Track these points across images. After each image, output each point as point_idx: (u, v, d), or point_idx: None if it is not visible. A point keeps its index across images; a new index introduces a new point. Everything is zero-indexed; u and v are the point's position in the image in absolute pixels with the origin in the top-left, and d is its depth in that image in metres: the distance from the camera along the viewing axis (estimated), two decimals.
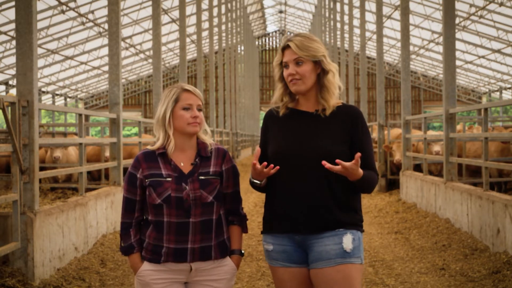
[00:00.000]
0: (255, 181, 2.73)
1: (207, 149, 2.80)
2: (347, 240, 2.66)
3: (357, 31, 29.73)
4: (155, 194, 2.69)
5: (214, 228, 2.75)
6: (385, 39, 32.49)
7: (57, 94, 35.41)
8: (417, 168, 12.03)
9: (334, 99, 2.74)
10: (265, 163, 2.65)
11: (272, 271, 2.80)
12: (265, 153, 2.81)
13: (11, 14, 22.11)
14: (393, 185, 13.43)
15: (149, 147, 2.82)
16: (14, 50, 21.75)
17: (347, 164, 2.55)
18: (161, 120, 2.75)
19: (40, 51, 27.02)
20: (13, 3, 18.13)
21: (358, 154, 2.56)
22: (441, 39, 22.06)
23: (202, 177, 2.74)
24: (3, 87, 28.89)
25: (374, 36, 25.49)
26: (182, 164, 2.76)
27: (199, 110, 2.77)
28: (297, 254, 2.73)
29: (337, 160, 2.56)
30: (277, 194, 2.74)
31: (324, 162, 2.57)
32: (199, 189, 2.71)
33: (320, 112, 2.74)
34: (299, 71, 2.70)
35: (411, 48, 24.69)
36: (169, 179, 2.71)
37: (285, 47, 2.75)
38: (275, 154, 2.74)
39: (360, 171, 2.61)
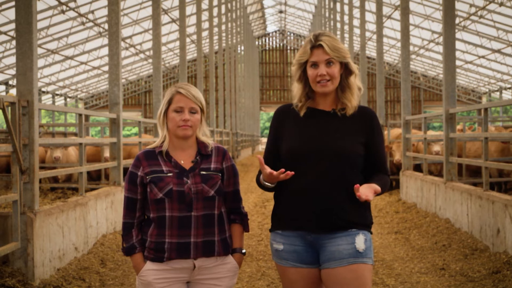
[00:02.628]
0: (266, 184, 2.70)
1: (207, 148, 2.83)
2: (360, 240, 2.65)
3: (357, 31, 29.73)
4: (157, 189, 2.71)
5: (216, 223, 2.76)
6: (385, 39, 32.49)
7: (57, 94, 35.41)
8: (417, 168, 12.03)
9: (356, 99, 2.74)
10: (282, 170, 2.60)
11: (282, 270, 2.77)
12: (275, 150, 2.78)
13: (11, 14, 22.12)
14: (393, 185, 13.43)
15: (149, 146, 2.84)
16: (14, 50, 21.74)
17: (367, 195, 2.56)
18: (158, 119, 2.81)
19: (40, 51, 27.02)
20: (13, 3, 18.13)
21: (357, 187, 2.56)
22: (441, 39, 22.07)
23: (204, 172, 2.76)
24: (3, 87, 28.89)
25: (374, 36, 25.49)
26: (182, 162, 2.78)
27: (193, 112, 2.76)
28: (307, 254, 2.71)
29: (356, 187, 2.57)
30: (290, 192, 2.71)
31: (358, 194, 2.56)
32: (200, 183, 2.73)
33: (338, 111, 2.73)
34: (330, 72, 2.67)
35: (411, 48, 24.68)
36: (170, 174, 2.74)
37: (316, 46, 2.69)
38: (290, 152, 2.71)
39: (376, 188, 2.61)
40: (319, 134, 2.70)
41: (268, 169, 2.62)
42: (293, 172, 2.60)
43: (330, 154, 2.65)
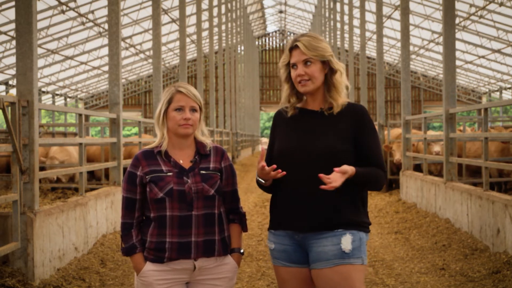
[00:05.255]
0: (260, 179, 2.74)
1: (206, 148, 2.84)
2: (346, 241, 2.64)
3: (357, 31, 29.72)
4: (157, 189, 2.71)
5: (216, 223, 2.77)
6: (385, 39, 32.49)
7: (57, 94, 35.40)
8: (417, 168, 12.02)
9: (342, 98, 2.75)
10: (274, 166, 2.63)
11: (275, 270, 2.82)
12: (272, 152, 2.82)
13: (11, 14, 22.11)
14: (393, 186, 13.43)
15: (147, 146, 2.84)
16: (14, 50, 21.72)
17: (332, 177, 2.56)
18: (157, 119, 2.80)
19: (40, 51, 27.01)
20: (13, 3, 18.13)
21: (336, 169, 2.57)
22: (441, 39, 22.07)
23: (203, 172, 2.77)
24: (3, 87, 28.88)
25: (374, 36, 25.49)
26: (181, 161, 2.79)
27: (194, 111, 2.77)
28: (297, 254, 2.73)
29: (321, 175, 2.57)
30: (281, 192, 2.74)
31: (321, 176, 2.57)
32: (201, 182, 2.74)
33: (326, 110, 2.74)
34: (308, 71, 2.70)
35: (411, 48, 24.68)
36: (170, 173, 2.74)
37: (293, 47, 2.74)
38: (280, 152, 2.75)
39: (350, 170, 2.59)
40: (306, 134, 2.72)
41: (261, 163, 2.65)
42: (284, 172, 2.62)
43: (316, 154, 2.66)
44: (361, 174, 2.63)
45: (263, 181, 2.74)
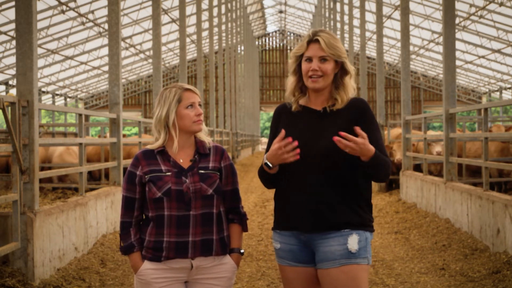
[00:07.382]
0: (267, 163, 2.66)
1: (206, 146, 2.84)
2: (353, 241, 2.64)
3: (357, 31, 29.72)
4: (155, 188, 2.71)
5: (215, 222, 2.77)
6: (385, 39, 32.47)
7: (57, 94, 35.40)
8: (417, 168, 12.03)
9: (348, 97, 2.74)
10: (290, 138, 2.57)
11: (280, 269, 2.82)
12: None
13: (11, 14, 22.11)
14: (393, 186, 13.43)
15: (148, 146, 2.84)
16: (14, 50, 21.70)
17: (356, 138, 2.50)
18: (163, 120, 2.77)
19: (40, 51, 27.01)
20: (13, 3, 18.12)
21: (358, 128, 2.52)
22: (441, 39, 22.07)
23: (202, 171, 2.77)
24: (3, 87, 28.88)
25: (374, 36, 25.49)
26: (181, 161, 2.79)
27: (200, 106, 2.82)
28: (303, 253, 2.73)
29: (343, 134, 2.51)
30: (283, 191, 2.74)
31: (336, 138, 2.51)
32: (199, 182, 2.74)
33: (328, 109, 2.73)
34: (323, 68, 2.68)
35: (411, 48, 24.68)
36: (169, 173, 2.74)
37: (312, 41, 2.71)
38: None
39: (371, 147, 2.56)
40: (307, 133, 2.71)
41: (278, 144, 2.60)
42: (298, 154, 2.58)
43: (316, 154, 2.65)
44: (378, 154, 2.58)
45: (270, 165, 2.65)
